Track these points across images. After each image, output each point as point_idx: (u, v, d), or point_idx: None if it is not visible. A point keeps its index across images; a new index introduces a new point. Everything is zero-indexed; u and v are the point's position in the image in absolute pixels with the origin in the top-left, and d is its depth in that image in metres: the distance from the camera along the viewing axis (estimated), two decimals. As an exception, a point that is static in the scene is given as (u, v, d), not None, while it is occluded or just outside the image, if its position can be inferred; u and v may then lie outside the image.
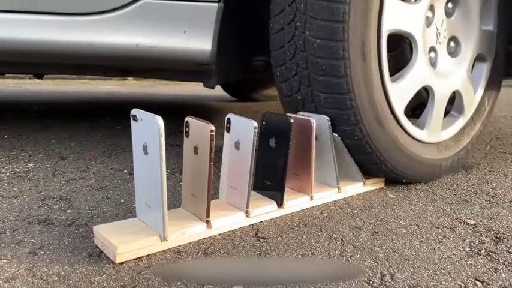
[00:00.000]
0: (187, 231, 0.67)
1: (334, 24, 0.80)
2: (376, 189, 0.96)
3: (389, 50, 0.91)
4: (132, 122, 0.65)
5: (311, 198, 0.84)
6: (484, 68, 1.12)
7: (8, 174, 0.99)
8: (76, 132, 1.50)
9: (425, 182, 1.02)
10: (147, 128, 0.61)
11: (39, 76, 2.00)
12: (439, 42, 0.99)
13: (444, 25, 0.99)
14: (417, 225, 0.77)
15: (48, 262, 0.60)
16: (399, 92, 0.91)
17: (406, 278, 0.59)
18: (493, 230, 0.76)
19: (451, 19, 1.01)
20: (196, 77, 1.28)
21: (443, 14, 0.99)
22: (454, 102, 1.08)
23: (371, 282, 0.57)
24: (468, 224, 0.78)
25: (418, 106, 1.03)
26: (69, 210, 0.79)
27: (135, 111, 0.64)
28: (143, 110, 0.63)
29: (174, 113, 2.08)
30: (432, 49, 0.99)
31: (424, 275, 0.60)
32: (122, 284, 0.55)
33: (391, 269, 0.61)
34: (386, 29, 0.86)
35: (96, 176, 0.99)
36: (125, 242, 0.61)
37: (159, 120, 0.59)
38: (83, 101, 2.51)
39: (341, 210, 0.83)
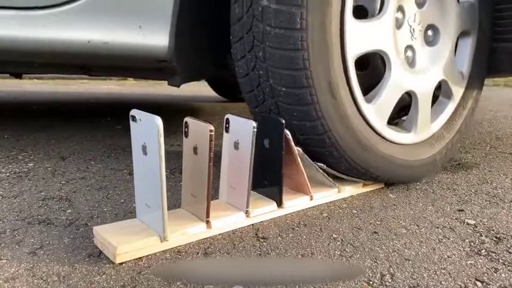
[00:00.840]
0: (187, 232, 0.67)
1: (295, 73, 0.76)
2: (376, 189, 0.96)
3: (360, 68, 0.88)
4: (131, 122, 0.65)
5: (311, 198, 0.84)
6: (469, 43, 1.07)
7: (8, 174, 0.99)
8: (76, 132, 1.50)
9: (426, 182, 1.02)
10: (146, 129, 0.61)
11: (17, 75, 1.96)
12: (415, 38, 0.95)
13: (417, 18, 0.94)
14: (417, 225, 0.77)
15: (48, 262, 0.60)
16: (378, 111, 0.88)
17: (406, 278, 0.59)
18: (493, 230, 0.76)
19: (424, 9, 0.95)
20: (159, 74, 1.22)
21: (415, 7, 0.93)
22: (441, 87, 1.04)
23: (371, 282, 0.57)
24: (468, 224, 0.78)
25: (402, 108, 1.01)
26: (69, 210, 0.79)
27: (134, 112, 0.64)
28: (143, 110, 0.63)
29: (173, 113, 2.08)
30: (408, 48, 0.95)
31: (424, 275, 0.60)
32: (121, 284, 0.55)
33: (391, 269, 0.61)
34: (352, 57, 0.82)
35: (96, 176, 0.99)
36: (124, 243, 0.61)
37: (158, 121, 0.59)
38: (83, 101, 2.51)
39: (341, 210, 0.83)
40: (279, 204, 0.78)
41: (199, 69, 1.31)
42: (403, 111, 1.01)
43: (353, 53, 0.82)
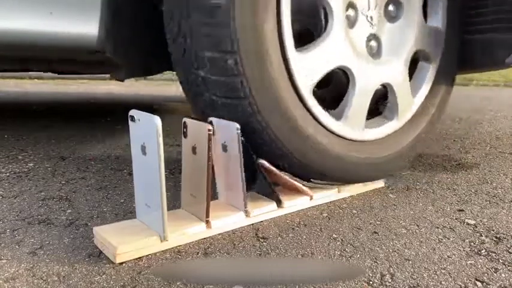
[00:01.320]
0: (187, 231, 0.67)
1: (255, 136, 0.74)
2: (376, 189, 0.96)
3: (322, 86, 0.85)
4: (130, 122, 0.64)
5: (311, 198, 0.83)
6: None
7: (8, 174, 0.99)
8: (76, 132, 1.50)
9: (426, 182, 1.02)
10: (145, 128, 0.61)
11: None
12: (375, 25, 0.88)
13: (372, 3, 0.87)
14: (417, 225, 0.77)
15: (48, 262, 0.60)
16: (352, 122, 0.85)
17: (406, 278, 0.59)
18: (493, 230, 0.76)
19: None
20: (101, 68, 1.15)
21: None
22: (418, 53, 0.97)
23: (371, 282, 0.57)
24: (468, 224, 0.78)
25: (380, 97, 0.94)
26: (69, 210, 0.79)
27: (132, 112, 0.64)
28: (143, 110, 0.63)
29: (173, 113, 2.08)
30: (371, 37, 0.88)
31: (424, 275, 0.60)
32: (121, 284, 0.55)
33: (391, 269, 0.61)
34: (308, 90, 0.78)
35: (96, 176, 0.99)
36: (124, 242, 0.61)
37: (157, 120, 0.59)
38: (83, 101, 2.51)
39: (341, 210, 0.83)
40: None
41: (149, 63, 1.22)
42: (381, 99, 0.96)
43: (309, 85, 0.78)
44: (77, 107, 2.25)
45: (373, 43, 0.90)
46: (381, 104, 0.96)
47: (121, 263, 0.60)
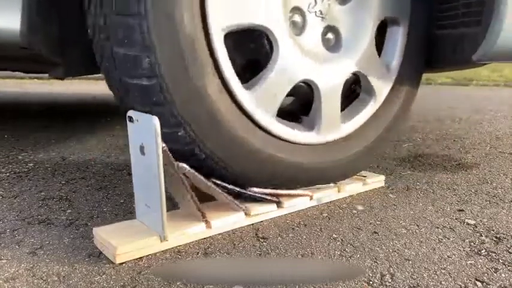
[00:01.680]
0: (187, 231, 0.67)
1: (224, 173, 0.72)
2: (376, 189, 0.96)
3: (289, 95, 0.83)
4: (128, 123, 0.64)
5: (311, 198, 0.83)
6: None
7: (8, 174, 0.99)
8: (76, 132, 1.50)
9: (426, 182, 1.02)
10: (144, 129, 0.61)
11: None
12: (326, 15, 0.81)
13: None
14: (417, 225, 0.77)
15: (48, 262, 0.60)
16: (325, 126, 0.83)
17: (406, 278, 0.59)
18: (493, 230, 0.76)
19: None
20: (35, 66, 1.10)
21: None
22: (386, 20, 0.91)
23: (371, 282, 0.57)
24: (468, 224, 0.78)
25: (352, 83, 0.91)
26: (69, 210, 0.79)
27: (131, 113, 0.64)
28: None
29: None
30: (326, 30, 0.82)
31: (424, 275, 0.60)
32: (121, 284, 0.55)
33: (391, 269, 0.61)
34: (270, 117, 0.75)
35: (96, 176, 0.99)
36: (124, 243, 0.61)
37: (155, 120, 0.58)
38: (83, 101, 2.51)
39: (341, 210, 0.83)
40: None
41: (91, 61, 1.18)
42: (353, 84, 0.92)
43: (269, 115, 0.75)
44: (77, 107, 2.25)
45: (329, 36, 0.84)
46: (356, 86, 0.92)
47: (121, 263, 0.60)
